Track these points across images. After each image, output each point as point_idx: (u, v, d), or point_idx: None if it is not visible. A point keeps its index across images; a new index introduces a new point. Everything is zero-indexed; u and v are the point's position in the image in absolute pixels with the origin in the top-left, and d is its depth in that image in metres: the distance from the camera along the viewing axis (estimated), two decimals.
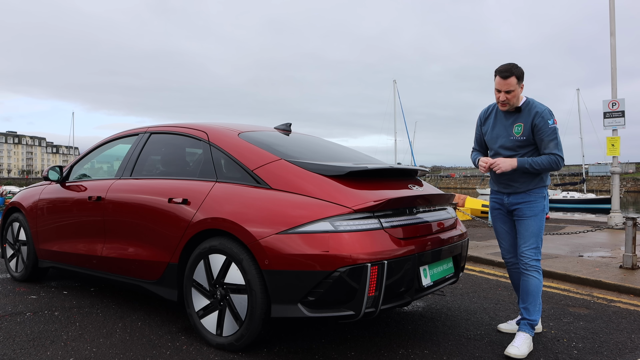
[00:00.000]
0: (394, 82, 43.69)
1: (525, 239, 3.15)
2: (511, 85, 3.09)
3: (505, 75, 3.10)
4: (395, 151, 44.56)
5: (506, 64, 3.16)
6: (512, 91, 3.10)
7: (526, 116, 3.14)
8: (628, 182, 62.32)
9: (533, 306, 3.12)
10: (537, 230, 3.15)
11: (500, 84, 3.12)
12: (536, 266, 3.13)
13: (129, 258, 3.52)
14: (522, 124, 3.15)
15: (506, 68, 3.12)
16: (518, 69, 3.12)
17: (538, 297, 3.13)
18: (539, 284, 3.13)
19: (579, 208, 31.69)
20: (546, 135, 3.07)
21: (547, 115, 3.08)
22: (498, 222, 3.40)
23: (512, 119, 3.21)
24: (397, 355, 2.95)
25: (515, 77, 3.09)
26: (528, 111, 3.14)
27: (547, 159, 3.07)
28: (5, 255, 4.91)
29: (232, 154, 3.22)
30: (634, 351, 3.12)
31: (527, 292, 3.14)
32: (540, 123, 3.07)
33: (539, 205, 3.16)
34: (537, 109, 3.12)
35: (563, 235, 8.28)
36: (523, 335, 3.05)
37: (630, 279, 5.00)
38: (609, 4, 10.37)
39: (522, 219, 3.18)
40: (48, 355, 2.88)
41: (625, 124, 10.06)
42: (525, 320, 3.12)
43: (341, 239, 2.61)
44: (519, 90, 3.14)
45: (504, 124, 3.24)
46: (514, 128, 3.18)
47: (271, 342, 3.10)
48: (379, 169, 3.14)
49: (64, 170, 4.44)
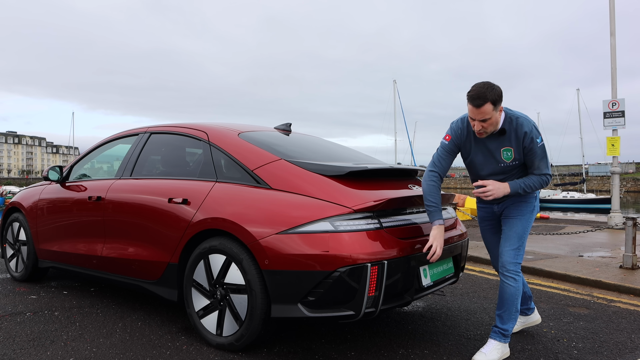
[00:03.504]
0: (394, 82, 43.75)
1: (507, 238, 2.94)
2: (486, 113, 2.68)
3: (479, 103, 2.67)
4: (395, 151, 44.62)
5: (479, 86, 2.72)
6: (488, 119, 2.71)
7: (513, 138, 2.81)
8: (628, 182, 62.29)
9: (507, 314, 2.90)
10: (521, 231, 2.93)
11: (474, 112, 2.72)
12: (514, 271, 2.89)
13: (129, 258, 3.52)
14: (510, 148, 2.83)
15: (478, 94, 2.68)
16: (493, 92, 2.68)
17: (513, 305, 2.90)
18: (515, 292, 2.88)
19: (579, 208, 31.72)
20: (537, 156, 2.82)
21: (535, 134, 2.78)
22: (488, 233, 3.23)
23: (496, 143, 2.86)
24: (397, 355, 2.95)
25: (491, 103, 2.67)
26: (515, 132, 2.80)
27: (538, 180, 2.86)
28: (5, 255, 4.92)
29: (232, 154, 3.22)
30: (634, 351, 3.12)
31: (502, 299, 2.91)
32: (530, 144, 2.78)
33: (529, 206, 2.98)
34: (524, 128, 2.77)
35: (563, 235, 8.28)
36: (493, 343, 2.88)
37: (630, 279, 5.00)
38: (609, 4, 10.37)
39: (508, 218, 2.99)
40: (48, 355, 2.88)
41: (625, 124, 10.07)
42: (497, 328, 2.91)
43: (341, 239, 2.61)
44: (496, 116, 2.74)
45: (488, 148, 2.90)
46: (502, 154, 2.86)
47: (271, 342, 3.10)
48: (379, 169, 3.14)
49: (64, 170, 4.44)
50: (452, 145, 2.96)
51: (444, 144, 2.98)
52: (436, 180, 2.94)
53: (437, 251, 2.79)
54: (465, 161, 3.04)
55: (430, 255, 2.80)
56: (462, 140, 2.96)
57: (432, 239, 2.81)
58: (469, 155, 2.99)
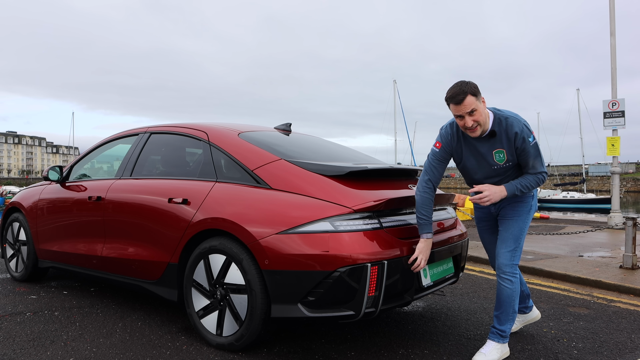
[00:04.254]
0: (394, 82, 43.72)
1: (503, 240, 2.93)
2: (470, 104, 2.67)
3: (460, 99, 2.66)
4: (395, 151, 44.62)
5: (453, 86, 2.73)
6: (475, 110, 2.68)
7: (505, 140, 2.77)
8: (628, 182, 62.30)
9: (505, 315, 2.90)
10: (517, 232, 2.91)
11: (458, 109, 2.69)
12: (510, 273, 2.88)
13: (129, 258, 3.52)
14: (502, 149, 2.79)
15: (456, 91, 2.68)
16: (468, 85, 2.68)
17: (511, 307, 2.89)
18: (511, 294, 2.88)
19: (579, 208, 31.72)
20: (531, 155, 2.77)
21: (526, 133, 2.73)
22: (485, 233, 3.22)
23: (487, 146, 2.82)
24: (397, 355, 2.95)
25: (471, 95, 2.66)
26: (505, 133, 2.75)
27: (534, 179, 2.81)
28: (5, 255, 4.92)
29: (232, 154, 3.22)
30: (634, 351, 3.12)
31: (499, 300, 2.91)
32: (523, 144, 2.73)
33: (526, 206, 2.95)
34: (514, 129, 2.72)
35: (563, 235, 8.28)
36: (492, 344, 2.90)
37: (630, 279, 5.00)
38: (609, 4, 10.36)
39: (505, 219, 2.97)
40: (48, 355, 2.88)
41: (625, 124, 10.06)
42: (495, 329, 2.92)
43: (341, 239, 2.61)
44: (482, 106, 2.72)
45: (479, 152, 2.86)
46: (494, 156, 2.82)
47: (271, 342, 3.10)
48: (379, 169, 3.14)
49: (64, 170, 4.44)
50: (442, 152, 2.93)
51: (435, 151, 2.94)
52: (430, 192, 2.90)
53: (422, 264, 2.78)
54: (458, 166, 3.01)
55: (414, 267, 2.78)
56: (452, 146, 2.92)
57: (418, 252, 2.79)
58: (461, 160, 2.96)
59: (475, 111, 2.69)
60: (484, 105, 2.76)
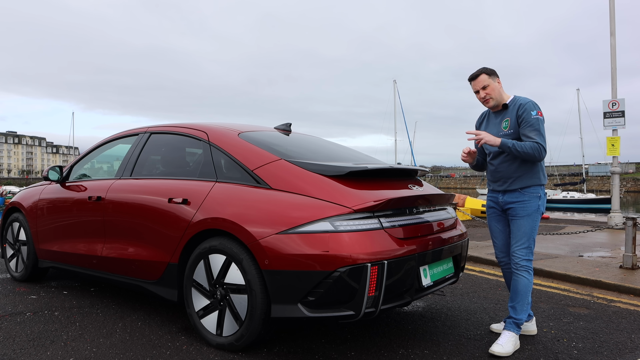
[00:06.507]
0: (394, 82, 43.74)
1: (517, 239, 3.18)
2: (483, 80, 3.23)
3: (475, 75, 3.28)
4: (395, 151, 44.61)
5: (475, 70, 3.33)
6: (487, 86, 3.22)
7: (512, 111, 3.22)
8: (628, 182, 62.31)
9: (520, 305, 3.14)
10: (529, 230, 3.16)
11: (474, 84, 3.28)
12: (526, 266, 3.16)
13: (129, 258, 3.52)
14: (508, 118, 3.22)
15: (474, 72, 3.31)
16: (486, 68, 3.28)
17: (526, 297, 3.15)
18: (528, 284, 3.15)
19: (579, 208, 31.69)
20: (529, 124, 3.09)
21: (530, 107, 3.13)
22: (492, 220, 3.42)
23: (500, 117, 3.30)
24: (397, 355, 2.95)
25: (486, 74, 3.24)
26: (514, 106, 3.22)
27: (529, 145, 3.05)
28: (5, 255, 4.92)
29: (232, 154, 3.22)
30: (634, 351, 3.12)
31: (516, 291, 3.16)
32: (524, 114, 3.12)
33: (533, 205, 3.17)
34: (521, 102, 3.19)
35: (563, 235, 8.28)
36: (508, 334, 3.07)
37: (630, 279, 5.00)
38: (609, 4, 10.36)
39: (515, 218, 3.19)
40: (48, 355, 2.88)
41: (625, 124, 10.06)
42: (511, 319, 3.14)
43: (341, 239, 2.61)
44: (495, 84, 3.25)
45: (494, 122, 3.33)
46: (502, 124, 3.26)
47: (271, 342, 3.10)
48: (379, 169, 3.14)
49: (64, 170, 4.44)
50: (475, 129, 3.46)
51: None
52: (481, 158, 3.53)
53: (485, 138, 3.13)
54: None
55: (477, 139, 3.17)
56: (479, 122, 3.51)
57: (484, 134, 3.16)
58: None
59: (487, 86, 3.24)
60: (499, 85, 3.29)
